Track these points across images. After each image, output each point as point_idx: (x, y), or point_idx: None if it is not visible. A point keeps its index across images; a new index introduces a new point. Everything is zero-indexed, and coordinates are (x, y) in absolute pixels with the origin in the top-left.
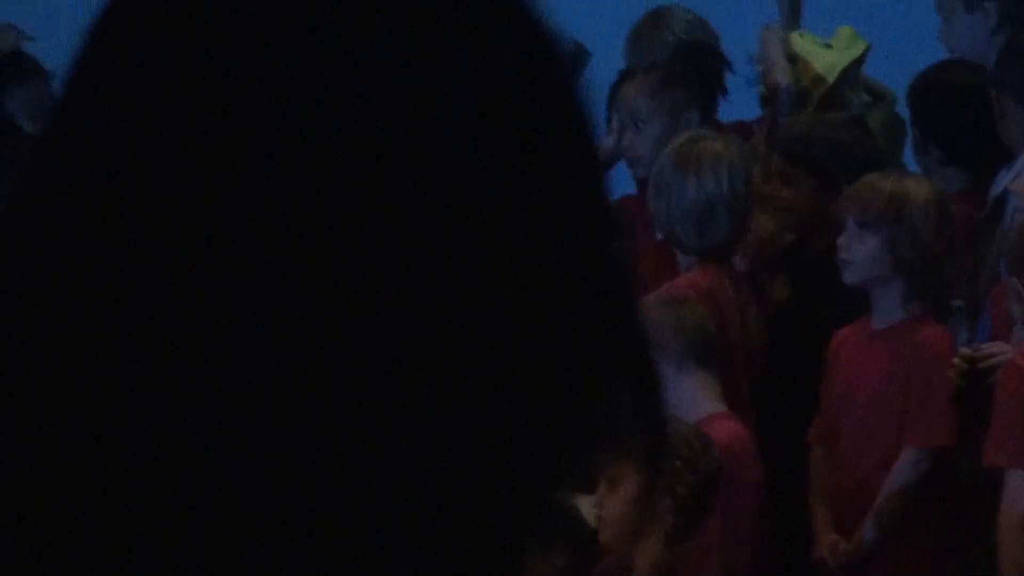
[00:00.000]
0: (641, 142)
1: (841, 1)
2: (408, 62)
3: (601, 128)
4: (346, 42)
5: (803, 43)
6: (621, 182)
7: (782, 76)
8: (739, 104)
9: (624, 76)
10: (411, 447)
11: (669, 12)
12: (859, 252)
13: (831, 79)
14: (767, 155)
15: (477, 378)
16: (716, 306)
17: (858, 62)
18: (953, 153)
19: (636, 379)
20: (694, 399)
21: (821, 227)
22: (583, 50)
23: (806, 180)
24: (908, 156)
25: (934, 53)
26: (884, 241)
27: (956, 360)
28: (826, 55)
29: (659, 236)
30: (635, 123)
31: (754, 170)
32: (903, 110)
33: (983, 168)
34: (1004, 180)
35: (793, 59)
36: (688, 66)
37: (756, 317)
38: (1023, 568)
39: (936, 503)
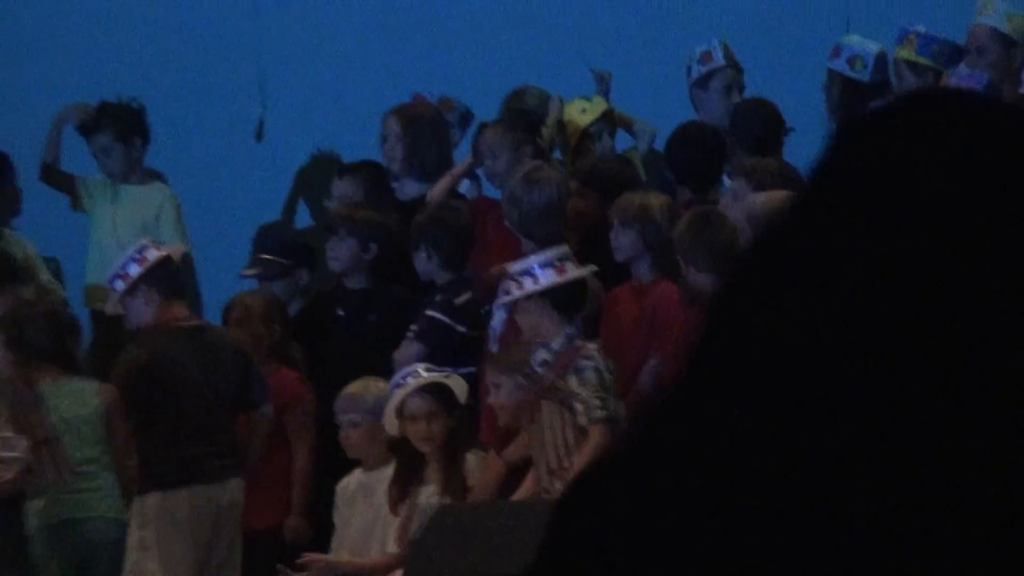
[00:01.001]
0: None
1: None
2: None
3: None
4: None
5: (569, 109)
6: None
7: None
8: None
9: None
10: None
11: (525, 90)
12: (623, 242)
13: (575, 132)
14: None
15: None
16: None
17: (604, 116)
18: (682, 179)
19: None
20: None
21: (602, 224)
22: (469, 112)
23: (592, 196)
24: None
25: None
26: (638, 233)
27: None
28: (580, 117)
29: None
30: (494, 154)
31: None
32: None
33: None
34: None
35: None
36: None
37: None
38: None
39: None
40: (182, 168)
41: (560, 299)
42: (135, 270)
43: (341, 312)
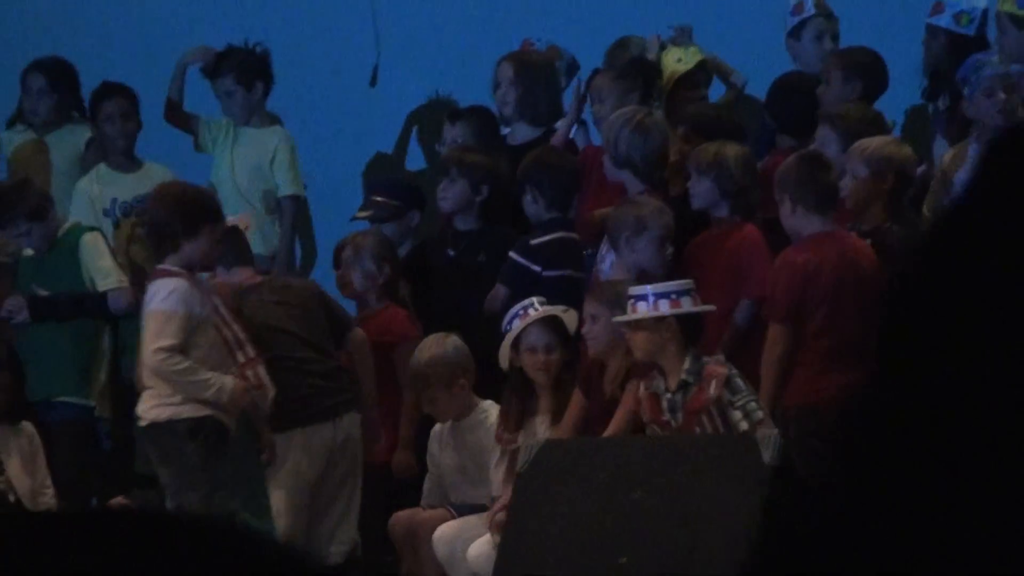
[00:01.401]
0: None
1: None
2: None
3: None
4: None
5: (665, 58)
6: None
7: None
8: None
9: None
10: None
11: (629, 41)
12: (700, 190)
13: (671, 80)
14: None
15: None
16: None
17: (699, 65)
18: (783, 127)
19: None
20: None
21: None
22: (575, 62)
23: (699, 141)
24: None
25: None
26: (713, 182)
27: None
28: (676, 65)
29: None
30: (602, 99)
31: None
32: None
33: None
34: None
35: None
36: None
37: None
38: (773, 391)
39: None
40: (298, 112)
41: (687, 325)
42: None
43: (451, 252)
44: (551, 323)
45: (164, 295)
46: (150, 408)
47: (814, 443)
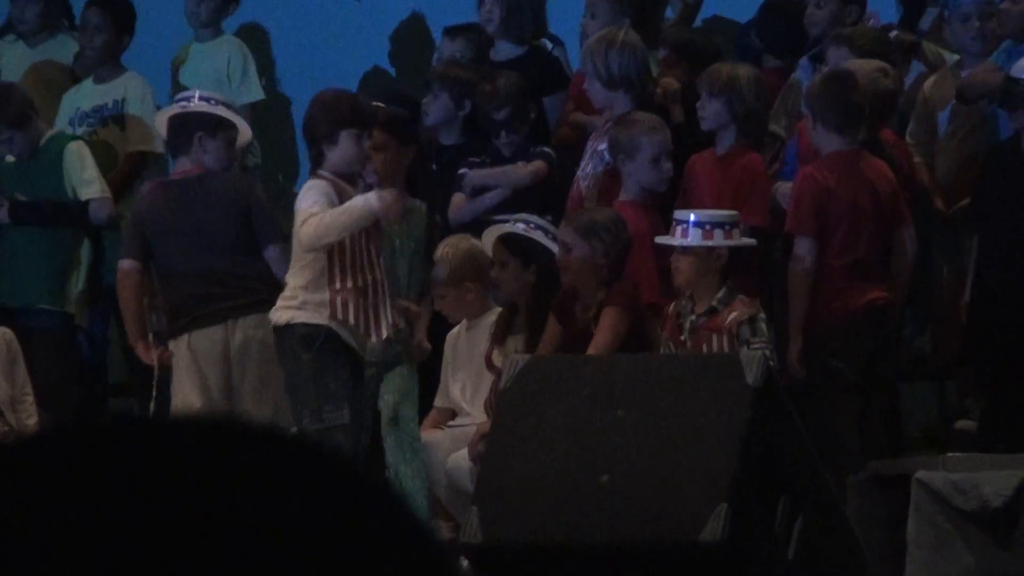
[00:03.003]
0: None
1: None
2: None
3: None
4: None
5: None
6: None
7: None
8: None
9: None
10: None
11: None
12: (711, 111)
13: None
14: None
15: None
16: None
17: None
18: (769, 48)
19: None
20: None
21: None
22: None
23: (682, 64)
24: None
25: None
26: (724, 104)
27: None
28: None
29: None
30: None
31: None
32: None
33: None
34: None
35: None
36: None
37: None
38: (803, 306)
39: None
40: (284, 24)
41: (731, 259)
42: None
43: (434, 167)
44: (513, 240)
45: (313, 197)
46: (276, 310)
47: (835, 363)
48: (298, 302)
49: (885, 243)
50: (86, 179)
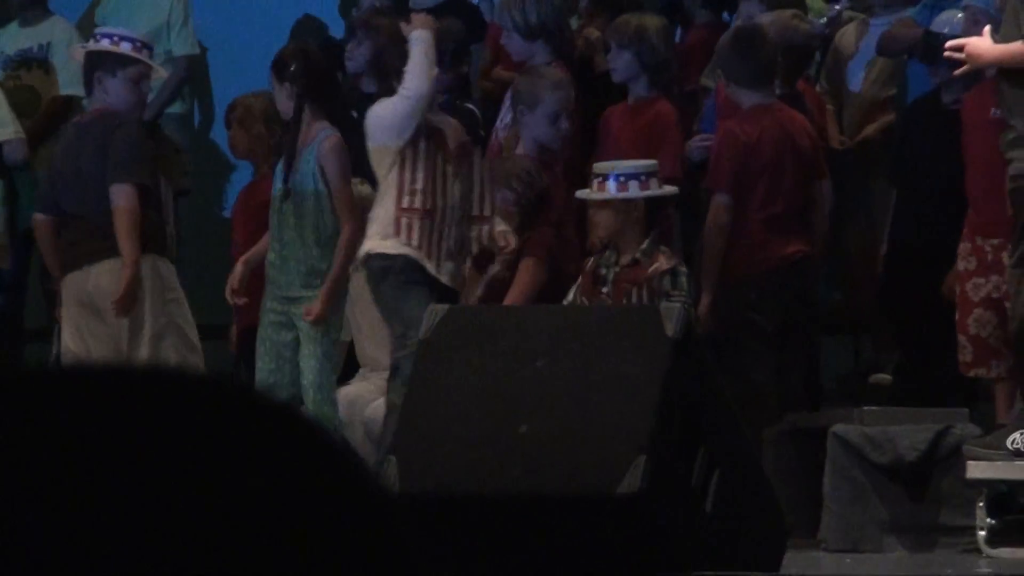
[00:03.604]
0: None
1: None
2: None
3: None
4: None
5: None
6: None
7: None
8: None
9: None
10: None
11: None
12: (620, 63)
13: None
14: None
15: None
16: None
17: None
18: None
19: None
20: None
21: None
22: None
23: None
24: None
25: None
26: (634, 55)
27: None
28: None
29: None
30: None
31: None
32: None
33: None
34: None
35: None
36: None
37: None
38: (717, 261)
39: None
40: None
41: (651, 207)
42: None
43: (354, 114)
44: None
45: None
46: (365, 242)
47: (753, 316)
48: (378, 233)
49: (803, 197)
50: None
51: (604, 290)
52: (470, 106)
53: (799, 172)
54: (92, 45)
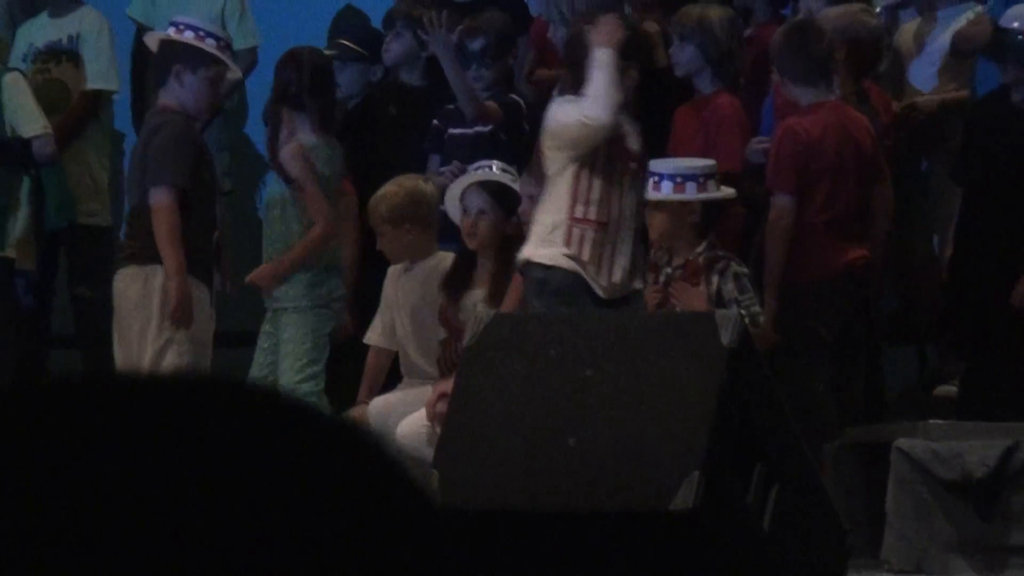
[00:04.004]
0: None
1: None
2: None
3: None
4: None
5: None
6: None
7: None
8: None
9: None
10: None
11: None
12: (683, 57)
13: None
14: None
15: None
16: None
17: None
18: None
19: None
20: None
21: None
22: None
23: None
24: None
25: None
26: (697, 47)
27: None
28: None
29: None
30: None
31: None
32: None
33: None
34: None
35: None
36: None
37: None
38: (780, 266)
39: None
40: None
41: (708, 209)
42: None
43: (392, 110)
44: (494, 188)
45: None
46: (524, 247)
47: (812, 325)
48: (534, 241)
49: (865, 200)
50: (27, 113)
51: (659, 281)
52: (515, 97)
53: (862, 174)
54: (174, 35)
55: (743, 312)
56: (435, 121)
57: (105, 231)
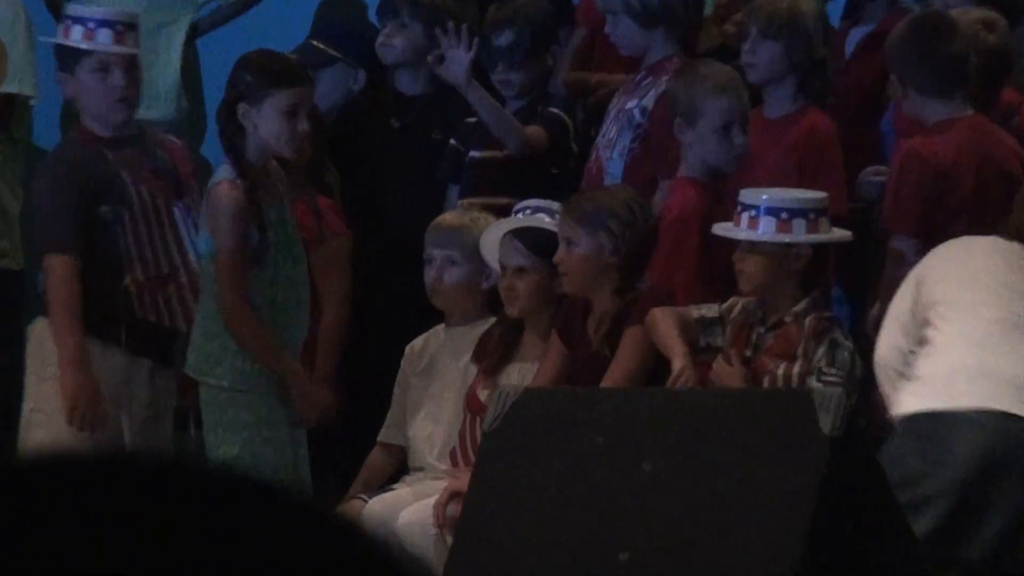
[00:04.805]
0: None
1: None
2: None
3: None
4: None
5: None
6: None
7: None
8: None
9: None
10: None
11: None
12: (764, 57)
13: None
14: None
15: None
16: None
17: None
18: None
19: None
20: None
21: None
22: None
23: None
24: None
25: None
26: (784, 48)
27: None
28: None
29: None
30: None
31: None
32: None
33: None
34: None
35: None
36: None
37: None
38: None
39: None
40: None
41: (816, 255)
42: None
43: (395, 123)
44: (537, 237)
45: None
46: None
47: None
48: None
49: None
50: None
51: (747, 355)
52: (556, 112)
53: (1009, 206)
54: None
55: (813, 382)
56: (452, 141)
57: (15, 276)
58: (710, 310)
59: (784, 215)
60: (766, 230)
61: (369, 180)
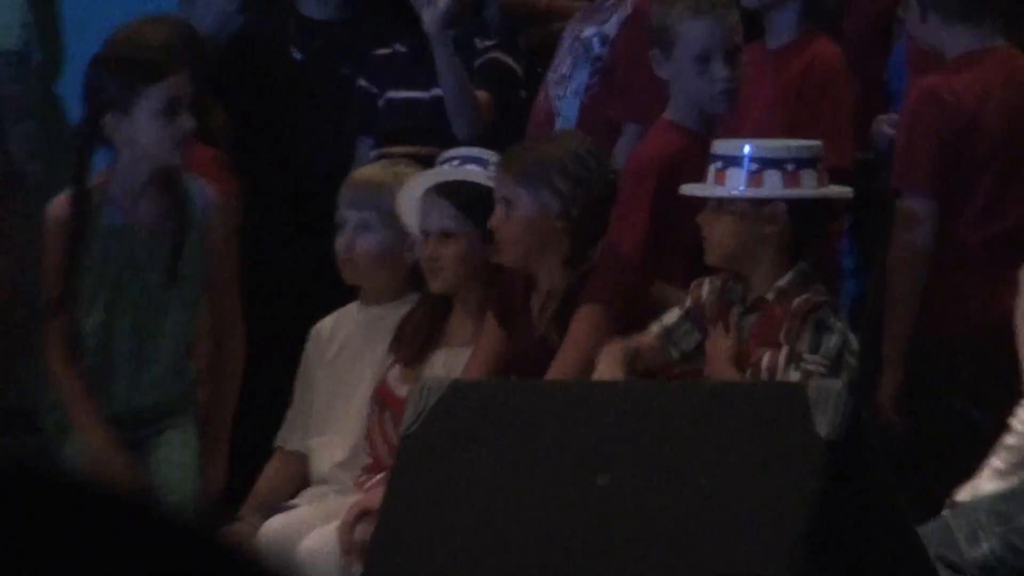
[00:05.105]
0: None
1: None
2: None
3: None
4: None
5: None
6: None
7: None
8: None
9: None
10: None
11: None
12: None
13: None
14: None
15: None
16: None
17: None
18: None
19: None
20: None
21: None
22: None
23: None
24: None
25: None
26: None
27: None
28: None
29: None
30: None
31: None
32: None
33: None
34: None
35: None
36: None
37: None
38: (911, 310)
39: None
40: None
41: (801, 217)
42: None
43: (297, 55)
44: (466, 193)
45: None
46: None
47: (962, 404)
48: None
49: None
50: None
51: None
52: (495, 56)
53: None
54: None
55: (794, 373)
56: (361, 81)
57: None
58: (671, 315)
59: (754, 166)
60: (733, 185)
61: (265, 125)
